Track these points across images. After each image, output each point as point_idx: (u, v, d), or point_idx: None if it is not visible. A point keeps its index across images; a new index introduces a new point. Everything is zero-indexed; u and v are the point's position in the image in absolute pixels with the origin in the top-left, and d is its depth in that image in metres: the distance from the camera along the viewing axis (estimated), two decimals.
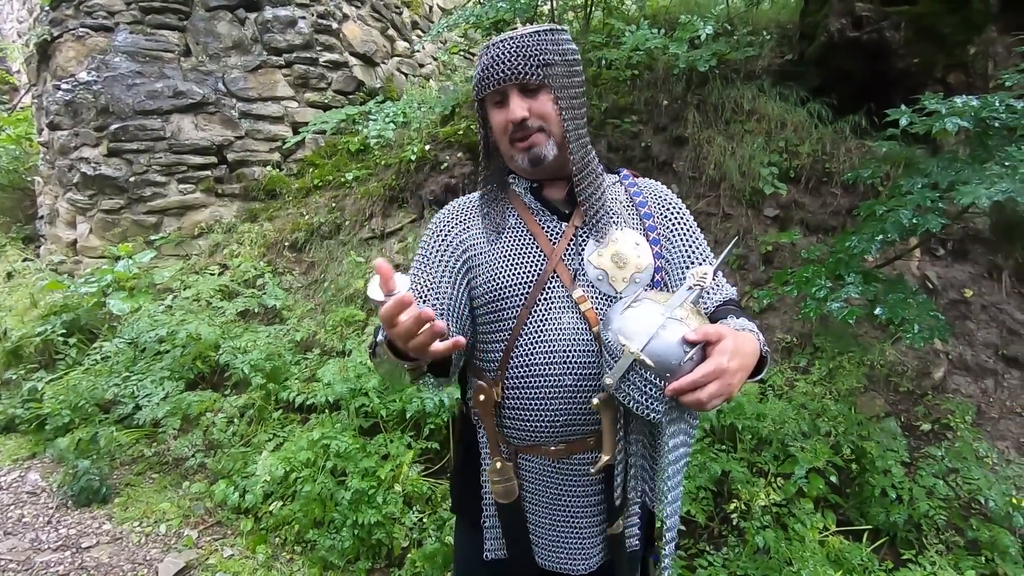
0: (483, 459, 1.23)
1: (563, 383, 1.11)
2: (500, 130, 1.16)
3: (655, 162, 3.76)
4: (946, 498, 2.35)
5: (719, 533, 2.43)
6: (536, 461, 1.18)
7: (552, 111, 1.13)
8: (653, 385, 0.94)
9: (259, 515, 2.75)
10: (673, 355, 0.92)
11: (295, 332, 3.60)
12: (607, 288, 1.13)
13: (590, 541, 1.19)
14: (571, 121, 1.14)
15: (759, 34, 3.77)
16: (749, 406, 2.56)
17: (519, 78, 1.10)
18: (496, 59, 1.10)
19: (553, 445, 1.15)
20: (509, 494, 1.18)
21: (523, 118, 1.11)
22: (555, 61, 1.11)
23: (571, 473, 1.16)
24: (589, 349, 1.11)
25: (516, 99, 1.12)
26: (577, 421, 1.13)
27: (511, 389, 1.15)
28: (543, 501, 1.19)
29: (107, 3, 4.68)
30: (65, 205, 4.95)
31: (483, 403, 1.16)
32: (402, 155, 4.35)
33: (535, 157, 1.15)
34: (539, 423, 1.14)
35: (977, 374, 2.83)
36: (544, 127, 1.14)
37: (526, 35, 1.10)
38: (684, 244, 1.22)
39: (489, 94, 1.15)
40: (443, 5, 6.97)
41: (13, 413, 3.63)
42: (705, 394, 0.89)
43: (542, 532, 1.20)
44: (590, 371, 1.11)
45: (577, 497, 1.17)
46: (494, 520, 1.22)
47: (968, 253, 3.13)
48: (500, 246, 1.19)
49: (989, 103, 2.22)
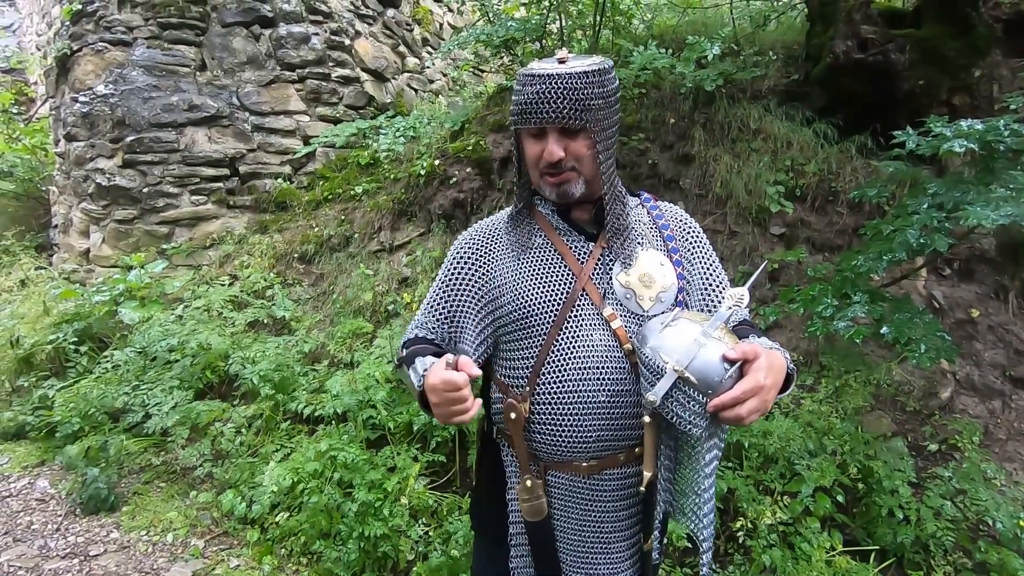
0: (509, 477, 1.24)
1: (596, 399, 1.13)
2: (532, 160, 1.17)
3: (662, 179, 3.80)
4: (954, 519, 2.34)
5: (725, 551, 2.42)
6: (566, 478, 1.18)
7: (587, 154, 1.14)
8: (696, 401, 0.96)
9: (265, 526, 2.76)
10: (715, 372, 0.95)
11: (304, 343, 3.63)
12: (634, 307, 1.16)
13: (619, 556, 1.20)
14: (605, 161, 1.15)
15: (765, 55, 3.83)
16: (756, 424, 2.56)
17: (561, 121, 1.08)
18: (541, 96, 1.07)
19: (585, 461, 1.16)
20: (538, 512, 1.19)
21: (559, 159, 1.12)
22: (598, 104, 1.09)
23: (602, 489, 1.18)
24: (620, 366, 1.14)
25: (554, 140, 1.11)
26: (608, 437, 1.15)
27: (541, 405, 1.16)
28: (573, 518, 1.20)
29: (126, 18, 4.80)
30: (79, 215, 5.03)
31: (514, 420, 1.17)
32: (411, 169, 4.41)
33: (564, 192, 1.17)
34: (572, 439, 1.15)
35: (984, 395, 2.82)
36: (576, 168, 1.15)
37: (574, 76, 1.07)
38: (702, 266, 1.26)
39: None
40: (453, 23, 7.09)
41: (24, 420, 3.66)
42: (745, 410, 0.93)
43: (571, 550, 1.21)
44: (622, 387, 1.14)
45: (608, 513, 1.18)
46: (522, 539, 1.23)
47: (974, 273, 3.14)
48: (527, 265, 1.21)
49: (994, 126, 2.25)
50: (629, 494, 1.18)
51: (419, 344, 1.23)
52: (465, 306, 1.24)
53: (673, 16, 4.92)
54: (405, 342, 1.28)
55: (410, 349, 1.21)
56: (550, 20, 4.43)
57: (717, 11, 4.69)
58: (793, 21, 4.37)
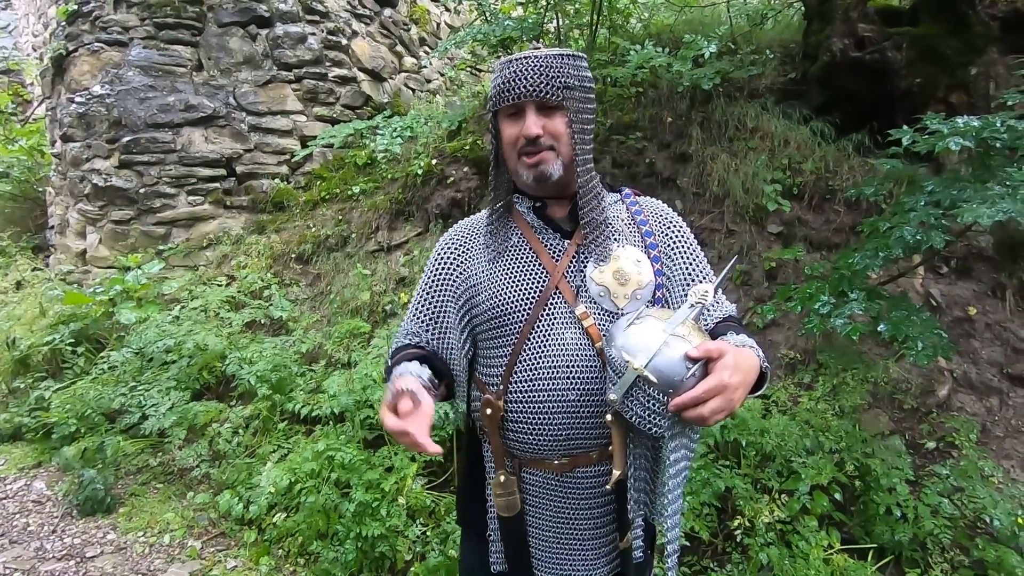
0: (487, 472, 1.25)
1: (567, 398, 1.13)
2: (510, 143, 1.18)
3: (659, 178, 3.80)
4: (951, 517, 2.34)
5: (723, 550, 2.42)
6: (539, 475, 1.19)
7: (565, 132, 1.15)
8: (656, 401, 0.95)
9: (263, 526, 2.76)
10: (676, 371, 0.94)
11: (301, 343, 3.63)
12: (609, 304, 1.15)
13: (592, 554, 1.20)
14: (581, 145, 1.16)
15: (762, 53, 3.83)
16: (753, 422, 2.56)
17: (539, 95, 1.11)
18: (517, 74, 1.11)
19: (557, 459, 1.17)
20: (511, 508, 1.20)
21: (537, 135, 1.13)
22: (574, 85, 1.13)
23: (574, 487, 1.18)
24: (592, 365, 1.13)
25: (532, 115, 1.13)
26: (580, 435, 1.15)
27: (514, 403, 1.17)
28: (545, 515, 1.20)
29: (122, 19, 4.78)
30: (76, 215, 5.02)
31: (490, 416, 1.18)
32: (409, 169, 4.41)
33: (541, 174, 1.17)
34: (543, 437, 1.15)
35: (982, 392, 2.82)
36: (555, 146, 1.15)
37: (550, 55, 1.12)
38: (684, 261, 1.25)
39: (505, 107, 1.16)
40: (450, 22, 7.09)
41: (20, 422, 3.66)
42: (707, 409, 0.92)
43: (543, 546, 1.21)
44: (593, 386, 1.13)
45: (580, 511, 1.19)
46: (498, 534, 1.24)
47: (972, 271, 3.14)
48: (503, 263, 1.22)
49: (990, 123, 2.24)
50: (602, 492, 1.17)
51: (407, 351, 1.25)
52: (448, 306, 1.26)
53: (670, 15, 4.92)
54: (393, 351, 1.29)
55: (395, 358, 1.23)
56: (547, 19, 4.43)
57: (714, 9, 4.69)
58: (790, 19, 4.37)
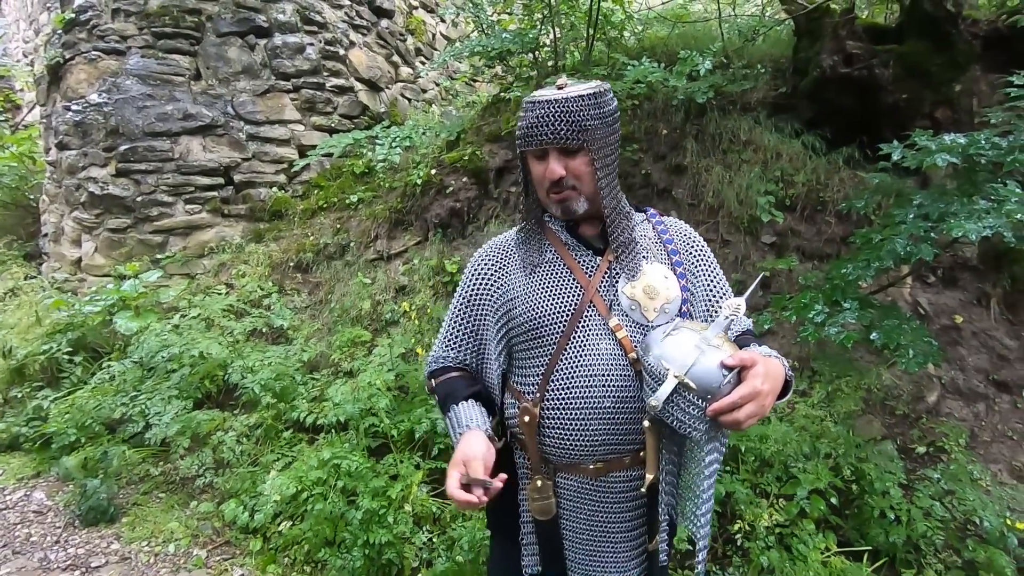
0: (521, 478, 1.31)
1: (602, 405, 1.20)
2: (538, 180, 1.27)
3: (655, 189, 3.88)
4: (943, 519, 2.42)
5: (724, 554, 2.48)
6: (574, 479, 1.25)
7: (586, 172, 1.23)
8: (695, 406, 1.02)
9: (268, 535, 2.77)
10: (713, 378, 1.01)
11: (303, 352, 3.65)
12: (639, 317, 1.23)
13: (624, 555, 1.26)
14: (604, 177, 1.24)
15: (754, 68, 3.93)
16: (752, 428, 2.63)
17: (559, 142, 1.19)
18: (541, 120, 1.18)
19: (592, 464, 1.23)
20: (547, 511, 1.26)
21: (560, 176, 1.22)
22: (595, 125, 1.19)
23: (607, 491, 1.24)
24: (626, 374, 1.20)
25: (555, 160, 1.21)
26: (614, 441, 1.22)
27: (551, 410, 1.23)
28: (580, 518, 1.26)
29: (120, 28, 4.79)
30: (71, 223, 4.99)
31: (528, 424, 1.24)
32: (407, 178, 4.45)
33: (567, 209, 1.27)
34: (579, 442, 1.22)
35: (969, 398, 2.92)
36: (576, 186, 1.24)
37: (571, 100, 1.18)
38: (706, 277, 1.34)
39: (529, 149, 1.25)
40: (446, 34, 7.16)
41: (17, 431, 3.63)
42: (743, 414, 0.99)
43: (578, 548, 1.27)
44: (627, 394, 1.20)
45: (613, 514, 1.25)
46: (531, 537, 1.30)
47: (958, 281, 3.25)
48: (538, 279, 1.29)
49: (976, 140, 2.35)
50: (634, 496, 1.24)
51: (447, 376, 1.34)
52: (486, 318, 1.33)
53: (663, 28, 5.03)
54: (432, 371, 1.38)
55: (440, 382, 1.33)
56: (543, 32, 4.51)
57: (707, 25, 4.80)
58: (780, 36, 4.49)
